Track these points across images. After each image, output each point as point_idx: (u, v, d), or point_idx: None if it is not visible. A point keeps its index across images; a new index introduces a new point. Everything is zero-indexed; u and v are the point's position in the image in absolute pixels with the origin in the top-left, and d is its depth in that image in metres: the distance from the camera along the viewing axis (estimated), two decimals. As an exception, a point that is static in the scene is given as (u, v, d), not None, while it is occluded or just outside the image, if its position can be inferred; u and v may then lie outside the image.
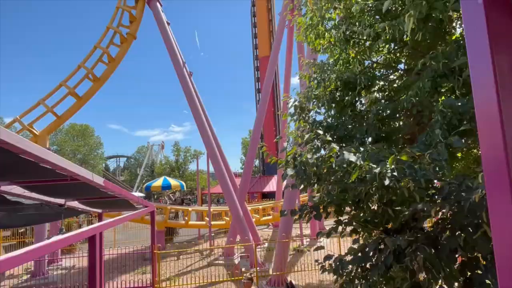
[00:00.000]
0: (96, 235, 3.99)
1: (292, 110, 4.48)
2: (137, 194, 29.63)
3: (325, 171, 3.29)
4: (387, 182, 2.70)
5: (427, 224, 6.01)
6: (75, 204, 6.80)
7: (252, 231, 14.04)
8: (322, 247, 4.08)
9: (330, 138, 3.59)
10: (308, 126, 4.32)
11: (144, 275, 12.73)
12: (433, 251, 3.06)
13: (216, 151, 14.31)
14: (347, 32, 4.03)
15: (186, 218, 18.00)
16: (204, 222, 18.41)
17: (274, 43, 18.28)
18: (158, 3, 15.95)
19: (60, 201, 6.31)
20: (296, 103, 4.49)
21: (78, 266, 14.71)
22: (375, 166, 2.82)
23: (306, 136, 3.87)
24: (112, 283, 11.17)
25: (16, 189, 4.83)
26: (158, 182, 29.17)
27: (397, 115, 4.46)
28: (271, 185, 33.29)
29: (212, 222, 17.64)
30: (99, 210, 8.71)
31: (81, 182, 4.26)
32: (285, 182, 9.43)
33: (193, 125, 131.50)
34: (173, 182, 29.86)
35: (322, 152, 3.63)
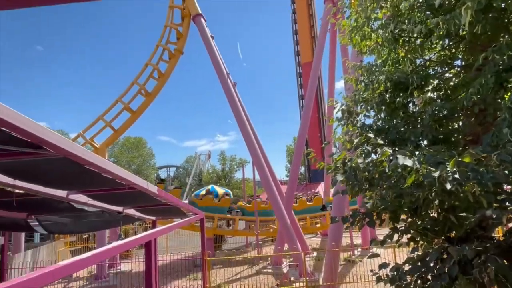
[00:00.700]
0: (151, 241, 4.20)
1: (339, 114, 4.36)
2: (187, 202, 30.75)
3: (377, 176, 3.13)
4: (448, 186, 2.50)
5: (496, 233, 5.44)
6: (131, 211, 7.25)
7: (300, 240, 13.81)
8: (377, 255, 3.86)
9: (381, 142, 3.42)
10: (357, 130, 4.16)
11: (195, 281, 13.10)
12: (506, 262, 2.75)
13: (261, 159, 14.41)
14: (396, 31, 3.85)
15: (234, 225, 18.27)
16: (251, 230, 18.54)
17: (317, 48, 18.10)
18: (202, 19, 16.67)
19: (119, 208, 6.78)
20: (343, 107, 4.36)
21: (135, 271, 15.58)
22: (433, 169, 2.62)
23: (356, 140, 3.73)
24: (167, 287, 11.64)
25: (82, 197, 5.28)
26: (206, 191, 30.04)
27: (456, 115, 4.12)
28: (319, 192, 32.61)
29: (260, 231, 17.70)
30: (153, 217, 9.19)
31: (138, 190, 4.54)
32: (334, 189, 9.17)
33: (238, 134, 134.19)
34: (220, 190, 30.52)
35: (373, 156, 3.47)
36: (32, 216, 6.61)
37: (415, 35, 3.80)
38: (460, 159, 2.61)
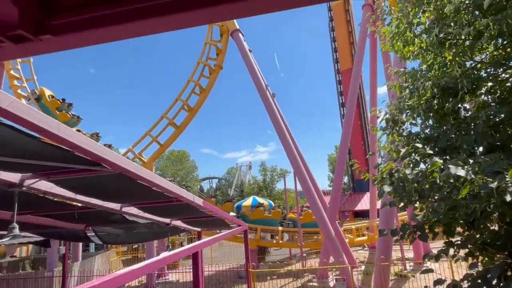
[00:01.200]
0: (198, 252, 4.34)
1: (383, 123, 4.20)
2: (230, 213, 31.20)
3: (427, 187, 2.96)
4: (508, 198, 2.30)
5: None
6: (178, 223, 7.53)
7: (346, 253, 13.31)
8: (431, 270, 3.60)
9: (430, 151, 3.24)
10: (403, 140, 3.97)
11: (240, 293, 13.14)
12: None
13: (302, 169, 14.26)
14: (441, 35, 3.66)
15: (277, 237, 18.13)
16: (295, 243, 18.25)
17: (356, 54, 17.71)
18: (240, 34, 17.16)
19: (167, 220, 7.08)
20: (388, 116, 4.19)
21: (182, 281, 16.02)
22: (490, 179, 2.43)
23: (403, 150, 3.56)
24: (212, 298, 11.80)
25: (133, 210, 5.61)
26: (248, 202, 30.28)
27: (515, 119, 3.79)
28: (364, 203, 31.31)
29: (304, 243, 17.36)
30: (199, 229, 9.45)
31: (184, 203, 4.73)
32: (381, 200, 8.76)
33: (277, 144, 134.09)
34: (262, 201, 30.63)
35: (422, 166, 3.29)
36: (89, 227, 7.14)
37: (462, 37, 3.59)
38: (521, 167, 2.40)
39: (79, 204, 4.72)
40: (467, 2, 3.53)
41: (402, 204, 3.34)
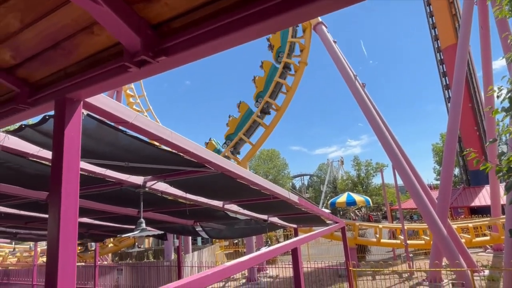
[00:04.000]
0: (297, 248, 4.39)
1: (505, 103, 3.52)
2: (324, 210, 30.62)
3: None
4: None
5: None
6: (275, 219, 7.76)
7: (463, 254, 11.69)
8: None
9: None
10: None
11: (340, 291, 12.81)
12: None
13: (402, 161, 13.08)
14: None
15: (377, 235, 17.04)
16: (398, 241, 16.86)
17: (461, 27, 15.35)
18: (323, 26, 16.70)
19: (264, 217, 7.38)
20: (511, 94, 3.51)
21: (281, 276, 16.45)
22: None
23: (535, 133, 2.94)
24: (312, 295, 11.79)
25: (234, 207, 6.01)
26: (342, 198, 29.20)
27: None
28: (482, 198, 26.98)
29: (409, 242, 15.92)
30: (295, 225, 9.57)
31: (280, 200, 4.86)
32: (508, 195, 7.39)
33: (370, 137, 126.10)
34: (357, 197, 29.17)
35: None
36: (197, 223, 7.93)
37: None
38: None
39: (189, 202, 5.29)
40: None
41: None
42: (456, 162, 32.43)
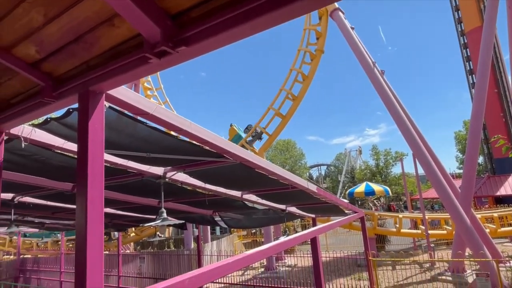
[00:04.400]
0: (316, 237, 4.39)
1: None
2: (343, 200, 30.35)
3: None
4: None
5: None
6: (293, 209, 7.77)
7: (488, 244, 11.37)
8: None
9: None
10: None
11: (360, 281, 12.77)
12: None
13: (424, 150, 12.74)
14: None
15: (397, 225, 16.80)
16: (419, 231, 16.57)
17: (487, 8, 14.60)
18: (340, 12, 16.27)
19: (282, 206, 7.40)
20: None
21: (299, 265, 16.56)
22: None
23: None
24: (331, 284, 11.82)
25: (252, 197, 6.05)
26: (361, 188, 28.86)
27: None
28: (508, 187, 26.04)
29: (430, 232, 15.62)
30: (313, 215, 9.56)
31: (299, 189, 4.85)
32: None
33: (389, 126, 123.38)
34: (376, 187, 28.75)
35: None
36: (216, 213, 8.05)
37: None
38: None
39: (208, 192, 5.36)
40: None
41: None
42: (480, 150, 31.30)
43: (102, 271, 1.48)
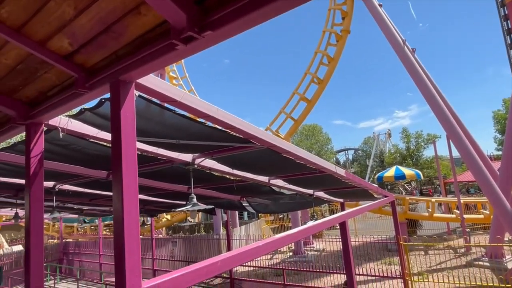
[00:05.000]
0: (345, 222, 4.35)
1: None
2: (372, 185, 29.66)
3: None
4: None
5: None
6: (321, 194, 7.72)
7: (529, 229, 10.78)
8: None
9: None
10: None
11: (390, 266, 12.60)
12: None
13: (459, 131, 12.12)
14: None
15: (430, 210, 16.28)
16: (453, 215, 15.98)
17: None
18: (367, -11, 15.53)
19: (310, 191, 7.37)
20: None
21: (327, 250, 16.57)
22: None
23: None
24: (361, 268, 11.75)
25: (279, 182, 6.06)
26: (390, 172, 28.05)
27: None
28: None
29: (466, 216, 15.02)
30: (341, 200, 9.45)
31: (327, 174, 4.79)
32: None
33: (420, 107, 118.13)
34: (407, 171, 27.82)
35: None
36: (243, 198, 8.16)
37: None
38: None
39: (236, 178, 5.43)
40: None
41: None
42: (522, 129, 29.24)
43: (139, 254, 1.55)
